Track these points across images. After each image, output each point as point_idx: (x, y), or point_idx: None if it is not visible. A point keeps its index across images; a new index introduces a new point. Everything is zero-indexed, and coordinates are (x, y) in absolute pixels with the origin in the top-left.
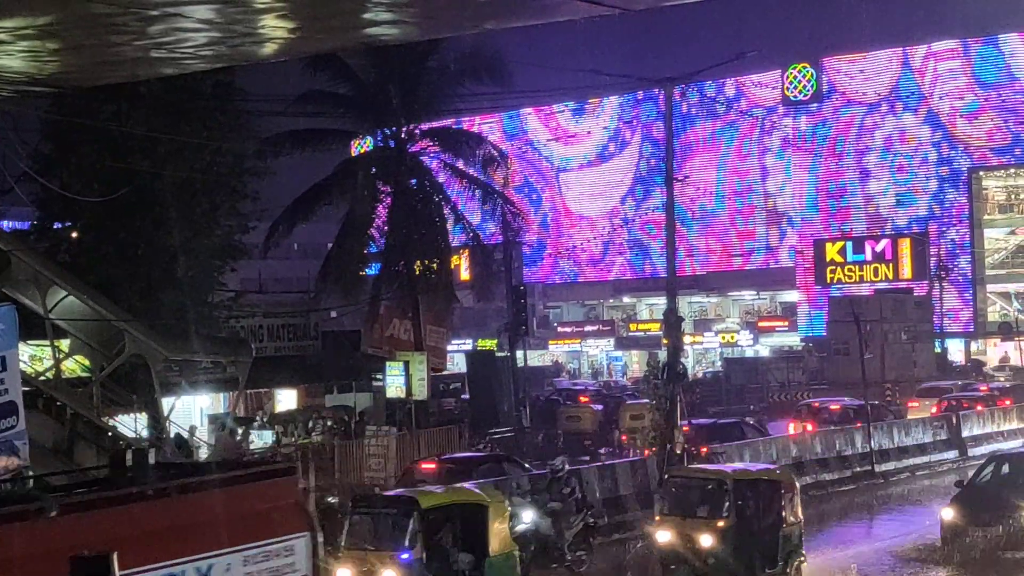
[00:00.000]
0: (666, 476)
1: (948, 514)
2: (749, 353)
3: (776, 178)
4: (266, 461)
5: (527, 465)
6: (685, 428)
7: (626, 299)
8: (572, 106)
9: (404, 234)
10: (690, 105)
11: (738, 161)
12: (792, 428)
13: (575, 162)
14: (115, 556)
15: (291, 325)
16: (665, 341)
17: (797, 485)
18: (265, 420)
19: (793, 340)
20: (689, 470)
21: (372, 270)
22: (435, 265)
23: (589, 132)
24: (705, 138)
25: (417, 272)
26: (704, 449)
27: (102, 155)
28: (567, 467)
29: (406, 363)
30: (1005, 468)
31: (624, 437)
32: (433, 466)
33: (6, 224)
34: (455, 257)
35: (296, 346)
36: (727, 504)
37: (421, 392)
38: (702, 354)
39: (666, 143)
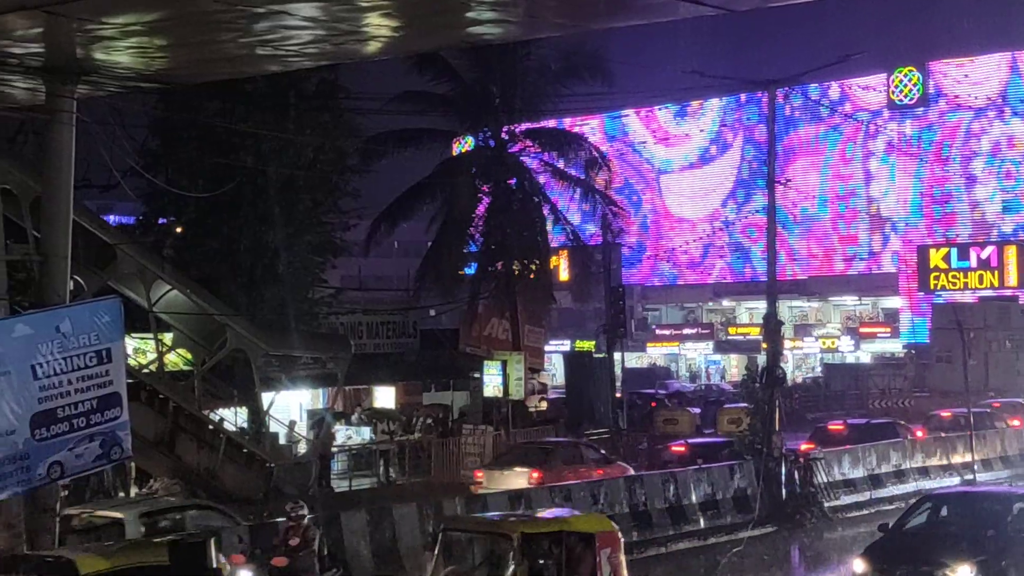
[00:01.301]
0: (441, 527)
1: (859, 567)
2: (850, 359)
3: (880, 183)
4: None
5: None
6: (840, 426)
7: (725, 302)
8: (674, 108)
9: (503, 234)
10: (793, 108)
11: (841, 165)
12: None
13: (676, 164)
14: (212, 542)
15: (390, 323)
16: (764, 345)
17: (620, 538)
18: (363, 417)
19: (895, 347)
20: (469, 520)
21: (471, 269)
22: (534, 265)
23: (689, 135)
24: (808, 141)
25: (516, 272)
26: (808, 446)
27: (207, 151)
28: (306, 513)
29: (503, 362)
30: (943, 511)
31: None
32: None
33: (112, 219)
34: (554, 257)
35: (395, 343)
36: (512, 565)
37: (518, 392)
38: (802, 359)
39: (768, 146)
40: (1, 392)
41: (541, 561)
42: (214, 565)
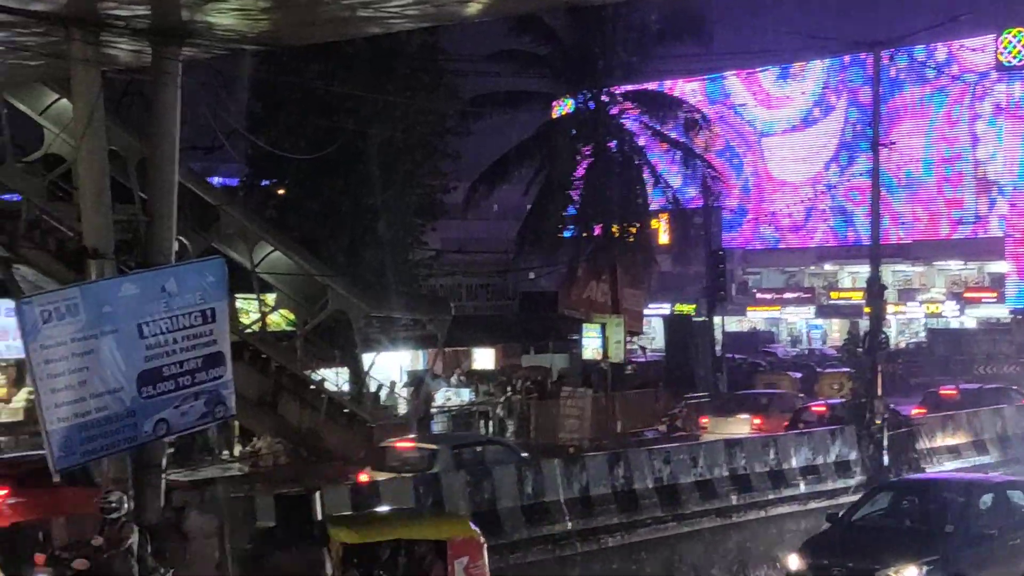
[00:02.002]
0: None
1: (794, 563)
2: (954, 324)
3: (987, 146)
4: None
5: None
6: (953, 391)
7: (828, 266)
8: (776, 70)
9: (603, 197)
10: (899, 70)
11: (947, 128)
12: None
13: (778, 127)
14: (318, 495)
15: (489, 285)
16: (867, 310)
17: (482, 544)
18: (462, 378)
19: (1001, 312)
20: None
21: (570, 232)
22: (633, 228)
23: (791, 97)
24: (913, 104)
25: (615, 235)
26: (920, 411)
27: (309, 114)
28: (117, 506)
29: (603, 325)
30: (903, 501)
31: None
32: None
33: (216, 181)
34: (654, 220)
35: (494, 306)
36: None
37: (617, 355)
38: (905, 324)
39: (873, 108)
40: (109, 350)
41: (376, 573)
42: (319, 518)
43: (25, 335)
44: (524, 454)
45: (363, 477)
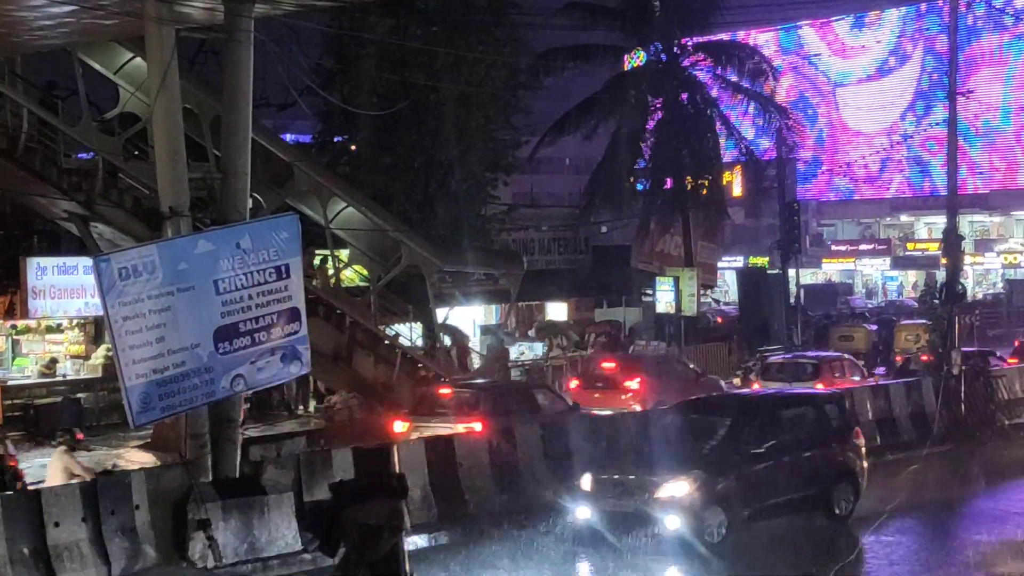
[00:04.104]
0: None
1: (586, 482)
2: None
3: None
4: None
5: None
6: None
7: (903, 217)
8: (851, 19)
9: (675, 149)
10: (976, 17)
11: None
12: None
13: (853, 77)
14: (395, 448)
15: (562, 239)
16: (944, 261)
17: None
18: (535, 332)
19: None
20: None
21: (642, 185)
22: (706, 181)
23: (866, 46)
24: (991, 51)
25: (688, 188)
26: (1013, 361)
27: (381, 69)
28: None
29: (676, 279)
30: (697, 419)
31: (899, 358)
32: None
33: (289, 137)
34: (727, 173)
35: (567, 260)
36: None
37: (691, 308)
38: (983, 275)
39: (950, 56)
40: (185, 307)
41: None
42: (397, 470)
43: (103, 292)
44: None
45: (402, 426)
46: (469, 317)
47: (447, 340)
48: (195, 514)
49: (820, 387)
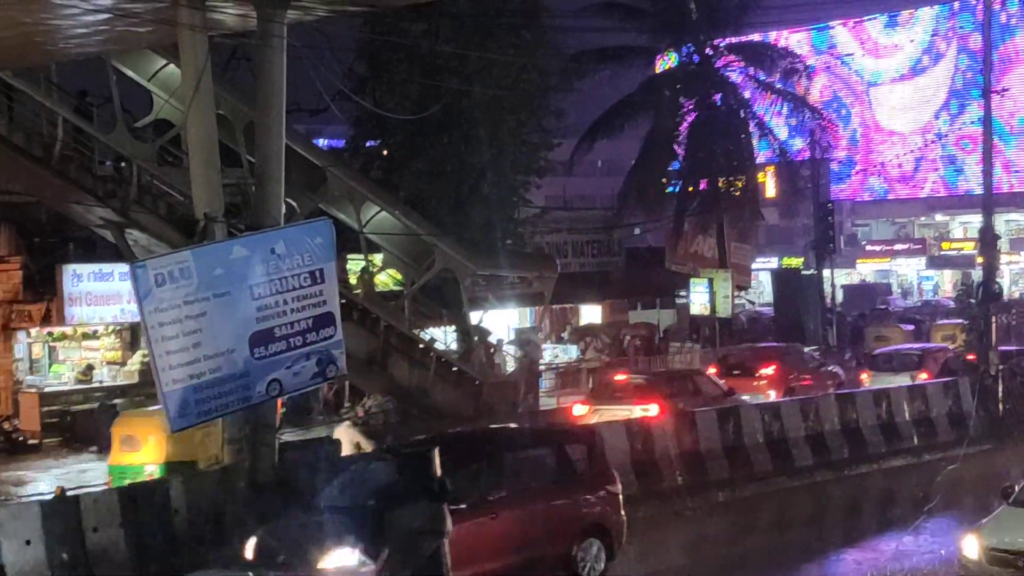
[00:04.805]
0: None
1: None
2: None
3: None
4: None
5: None
6: None
7: (939, 217)
8: (883, 18)
9: (708, 150)
10: (1009, 15)
11: None
12: None
13: (886, 76)
14: (436, 451)
15: (595, 241)
16: (980, 260)
17: None
18: (568, 335)
19: None
20: None
21: (675, 187)
22: (740, 182)
23: (899, 45)
24: None
25: (721, 189)
26: None
27: (413, 74)
28: None
29: (710, 280)
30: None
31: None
32: None
33: (322, 143)
34: (760, 174)
35: (600, 262)
36: None
37: (725, 309)
38: (1019, 274)
39: (984, 55)
40: (221, 312)
41: None
42: (438, 474)
43: (139, 298)
44: None
45: (582, 409)
46: (503, 320)
47: (508, 350)
48: (233, 519)
49: (924, 377)
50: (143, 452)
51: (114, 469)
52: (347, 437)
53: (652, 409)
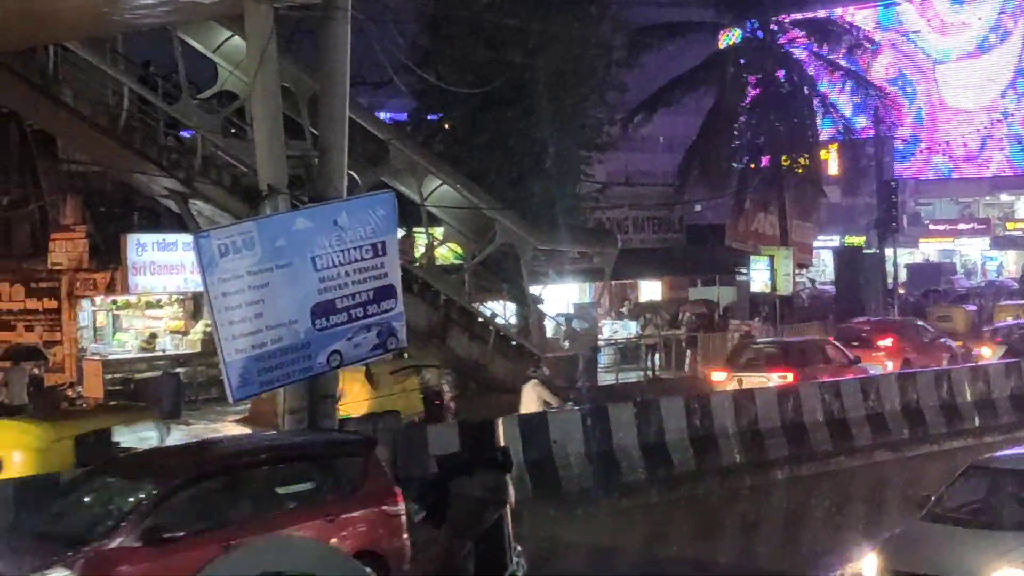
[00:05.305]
0: None
1: None
2: None
3: None
4: None
5: None
6: None
7: (1004, 196)
8: None
9: (771, 127)
10: None
11: None
12: None
13: (953, 54)
14: (500, 422)
15: (656, 218)
16: None
17: None
18: (628, 311)
19: None
20: None
21: (737, 163)
22: (802, 159)
23: (966, 23)
24: None
25: (784, 166)
26: None
27: (476, 47)
28: None
29: (771, 258)
30: None
31: (998, 339)
32: None
33: (384, 115)
34: (823, 151)
35: (661, 238)
36: None
37: (786, 287)
38: None
39: None
40: (283, 283)
41: None
42: (501, 444)
43: (203, 268)
44: None
45: (721, 376)
46: (563, 295)
47: (552, 327)
48: None
49: None
50: (347, 403)
51: None
52: (533, 394)
53: (788, 377)
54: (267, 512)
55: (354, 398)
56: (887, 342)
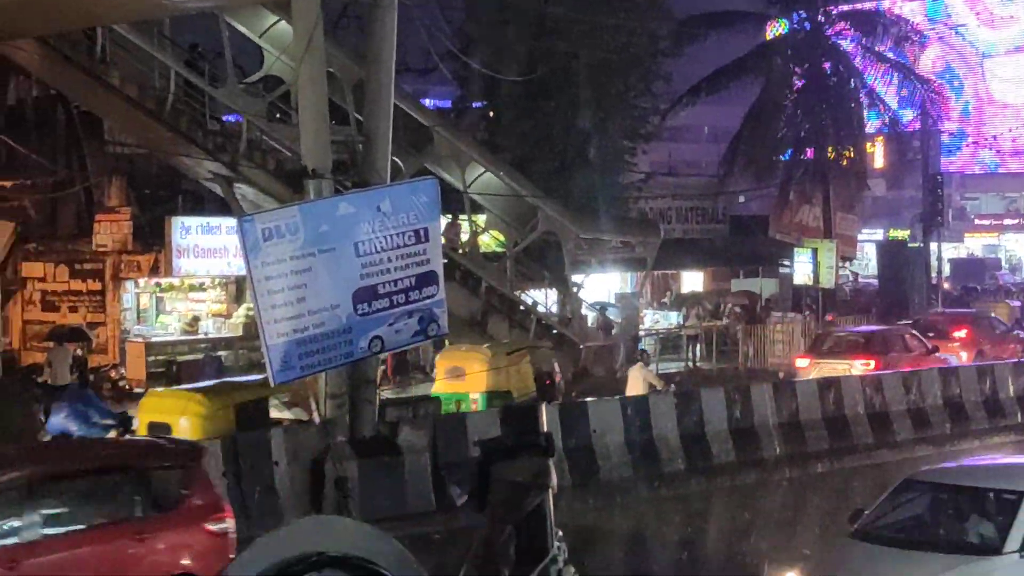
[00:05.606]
0: None
1: None
2: None
3: None
4: None
5: None
6: None
7: None
8: None
9: (817, 118)
10: None
11: None
12: None
13: (1001, 47)
14: (543, 406)
15: (699, 208)
16: None
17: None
18: (670, 301)
19: None
20: None
21: (782, 154)
22: (848, 151)
23: (1015, 16)
24: None
25: (829, 157)
26: None
27: (521, 35)
28: None
29: (814, 250)
30: None
31: None
32: None
33: (428, 102)
34: (869, 144)
35: (703, 229)
36: None
37: (829, 280)
38: None
39: None
40: (326, 268)
41: None
42: (545, 429)
43: (247, 252)
44: None
45: (803, 362)
46: (605, 285)
47: (591, 317)
48: (332, 472)
49: None
50: (467, 382)
51: (438, 396)
52: (639, 376)
53: (870, 364)
54: (60, 530)
55: (473, 376)
56: (961, 333)
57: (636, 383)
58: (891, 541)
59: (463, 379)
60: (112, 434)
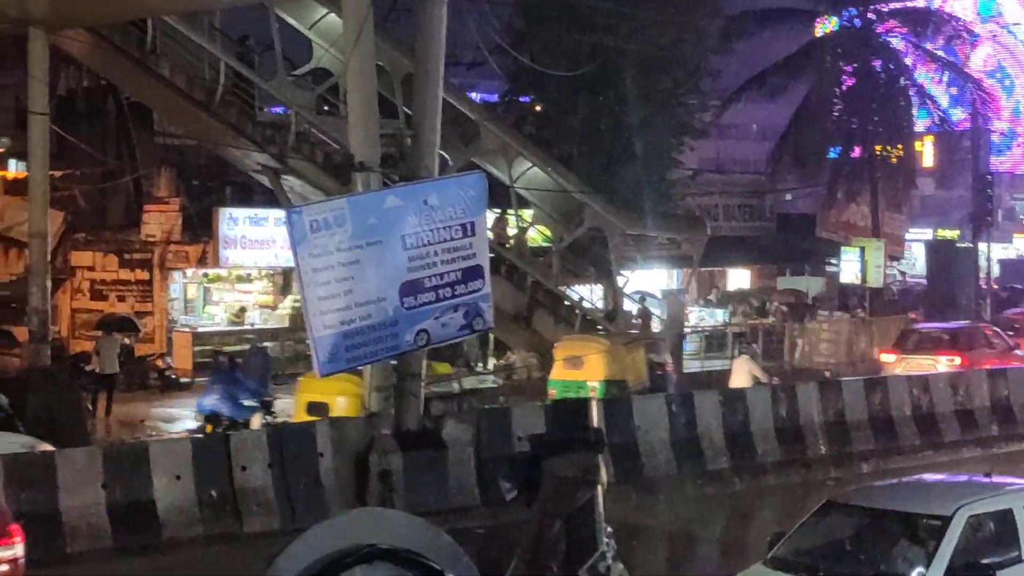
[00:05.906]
0: None
1: None
2: None
3: None
4: None
5: None
6: None
7: None
8: None
9: (866, 117)
10: None
11: None
12: None
13: None
14: (594, 403)
15: (746, 205)
16: None
17: None
18: (716, 298)
19: None
20: None
21: (830, 153)
22: (896, 150)
23: None
24: None
25: (877, 156)
26: None
27: (570, 30)
28: None
29: (862, 249)
30: None
31: None
32: None
33: (476, 96)
34: (918, 142)
35: (750, 227)
36: None
37: (877, 279)
38: None
39: None
40: (373, 261)
41: None
42: (595, 424)
43: (294, 243)
44: None
45: (890, 358)
46: (651, 281)
47: (634, 309)
48: (377, 465)
49: None
50: (585, 371)
51: (556, 383)
52: (745, 368)
53: (956, 360)
54: None
55: (593, 366)
56: None
57: (742, 375)
58: (805, 569)
59: (581, 367)
60: (256, 416)
